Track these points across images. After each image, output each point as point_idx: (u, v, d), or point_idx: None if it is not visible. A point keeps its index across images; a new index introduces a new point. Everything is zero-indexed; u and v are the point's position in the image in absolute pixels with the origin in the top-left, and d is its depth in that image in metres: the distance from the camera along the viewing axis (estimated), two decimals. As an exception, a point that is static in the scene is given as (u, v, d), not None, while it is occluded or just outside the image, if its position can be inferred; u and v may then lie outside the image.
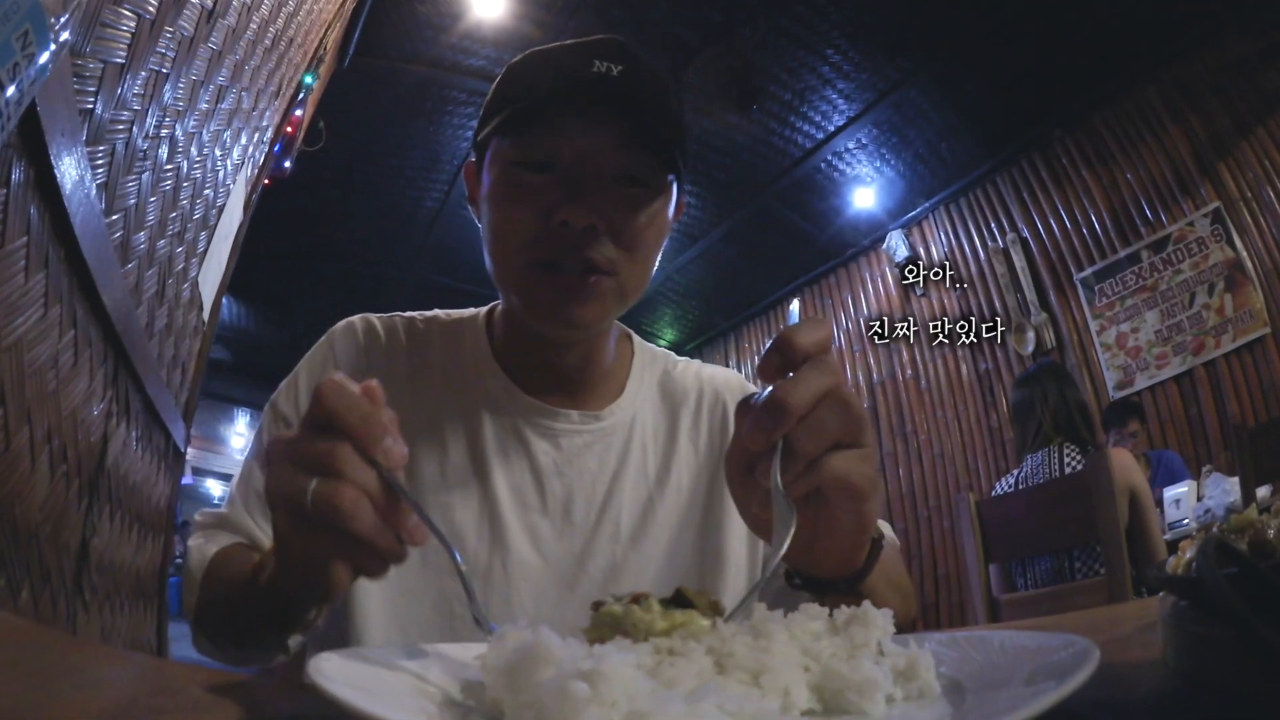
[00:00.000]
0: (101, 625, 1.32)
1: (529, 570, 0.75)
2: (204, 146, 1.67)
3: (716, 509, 0.83)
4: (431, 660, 0.42)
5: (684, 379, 0.90)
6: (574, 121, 0.70)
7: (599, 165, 0.71)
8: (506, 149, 0.73)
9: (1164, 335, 3.99)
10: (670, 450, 0.85)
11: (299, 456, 0.43)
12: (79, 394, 1.13)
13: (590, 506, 0.79)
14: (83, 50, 0.97)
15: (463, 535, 0.74)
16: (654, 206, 0.74)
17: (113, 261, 1.18)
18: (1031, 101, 4.38)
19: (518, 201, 0.71)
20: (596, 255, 0.70)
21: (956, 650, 0.42)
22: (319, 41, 2.70)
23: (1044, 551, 2.27)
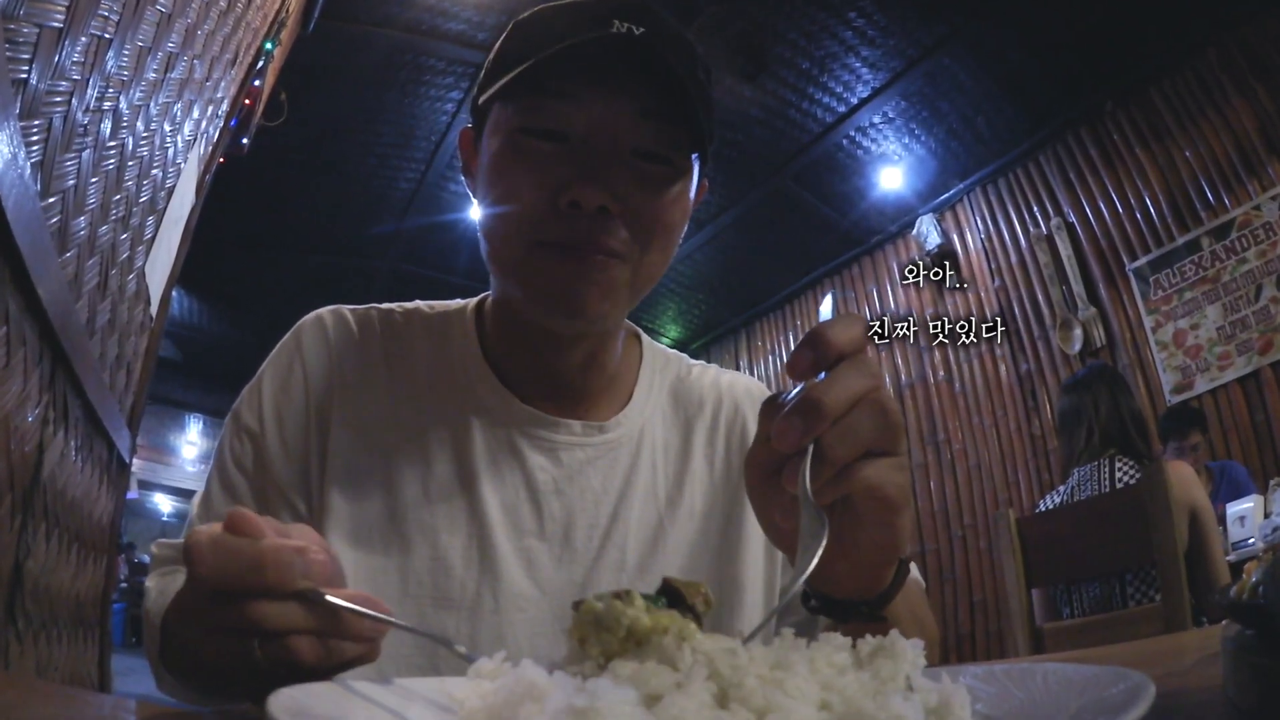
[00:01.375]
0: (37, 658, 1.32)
1: (523, 602, 0.74)
2: (151, 121, 1.67)
3: (733, 534, 0.82)
4: (404, 698, 0.42)
5: (699, 386, 0.90)
6: (589, 87, 0.69)
7: (615, 138, 0.69)
8: (511, 115, 0.71)
9: (1227, 332, 3.99)
10: (683, 467, 0.84)
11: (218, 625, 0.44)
12: (11, 398, 1.13)
13: (593, 531, 0.78)
14: (15, 13, 0.97)
15: (448, 561, 0.73)
16: (675, 188, 0.73)
17: (49, 250, 1.18)
18: (1079, 71, 4.38)
19: (522, 175, 0.70)
20: (608, 240, 0.69)
21: (995, 685, 0.42)
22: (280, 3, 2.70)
23: (1093, 575, 2.27)
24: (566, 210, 0.68)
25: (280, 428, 0.76)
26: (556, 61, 0.67)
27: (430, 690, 0.44)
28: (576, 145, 0.69)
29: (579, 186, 0.67)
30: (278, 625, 0.43)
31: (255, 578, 0.42)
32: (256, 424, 0.76)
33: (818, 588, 0.57)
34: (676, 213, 0.74)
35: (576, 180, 0.67)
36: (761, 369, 6.53)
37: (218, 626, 0.44)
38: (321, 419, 0.77)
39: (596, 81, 0.69)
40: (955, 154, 5.04)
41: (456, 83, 4.44)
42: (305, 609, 0.43)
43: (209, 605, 0.44)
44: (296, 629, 0.43)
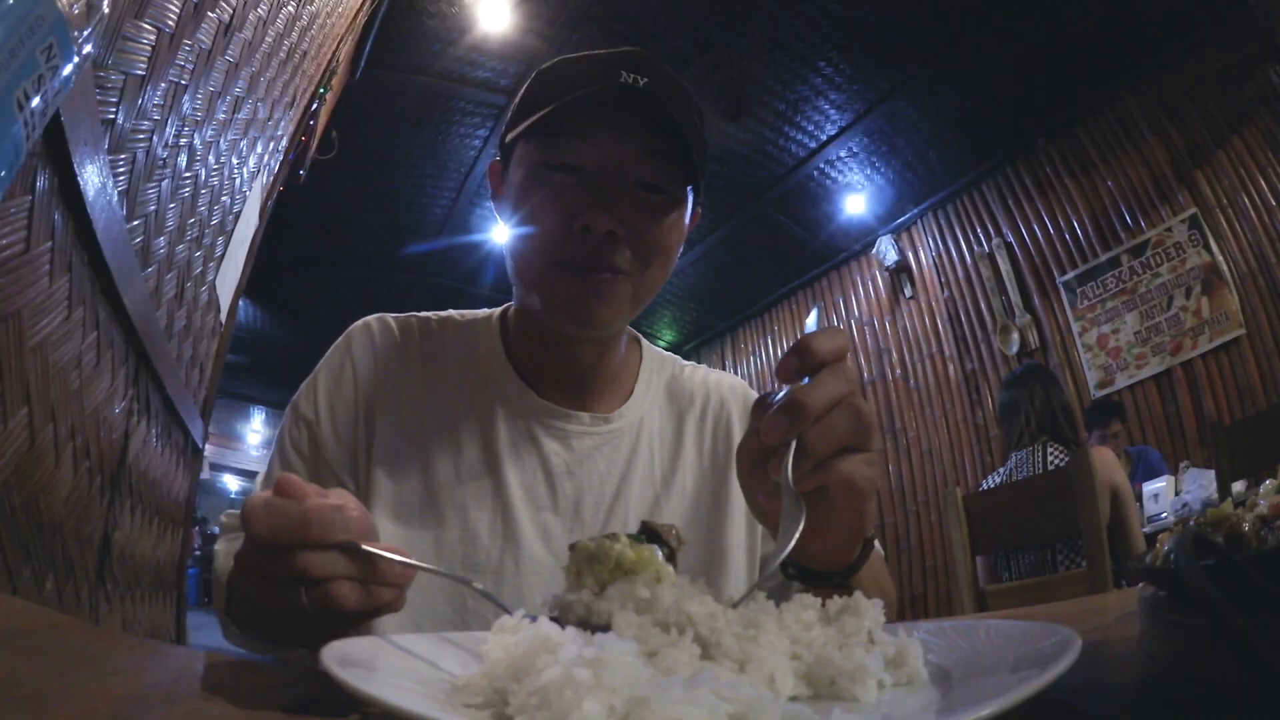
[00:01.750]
0: (123, 615, 1.32)
1: (540, 567, 0.74)
2: (221, 155, 1.67)
3: (719, 510, 0.83)
4: (439, 649, 0.42)
5: (690, 383, 0.90)
6: (601, 129, 0.70)
7: (622, 172, 0.71)
8: (534, 151, 0.73)
9: (1143, 336, 3.99)
10: (676, 453, 0.85)
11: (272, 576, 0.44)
12: (101, 393, 1.13)
13: (599, 506, 0.78)
14: (105, 62, 0.97)
15: (476, 532, 0.74)
16: (672, 215, 0.74)
17: (133, 266, 1.18)
18: (1016, 112, 4.38)
19: (542, 202, 0.71)
20: (615, 259, 0.70)
21: (944, 639, 0.42)
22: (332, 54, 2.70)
23: (1028, 544, 2.27)
24: (579, 233, 0.69)
25: (333, 417, 0.77)
26: (573, 107, 0.68)
27: (460, 641, 0.44)
28: (589, 178, 0.71)
29: (590, 213, 0.69)
30: (321, 572, 0.43)
31: (300, 532, 0.43)
32: (312, 413, 0.77)
33: (795, 559, 0.58)
34: (674, 236, 0.75)
35: (588, 208, 0.69)
36: (745, 368, 6.54)
37: (271, 578, 0.44)
38: (368, 410, 0.77)
39: (606, 125, 0.70)
40: (910, 183, 5.05)
41: (483, 122, 4.44)
42: (345, 557, 0.43)
43: (263, 559, 0.44)
44: (337, 575, 0.43)
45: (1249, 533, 0.37)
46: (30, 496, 0.90)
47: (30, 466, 0.90)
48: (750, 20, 3.78)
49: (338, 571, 0.43)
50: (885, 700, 0.36)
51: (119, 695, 0.36)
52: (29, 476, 0.90)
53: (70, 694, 0.33)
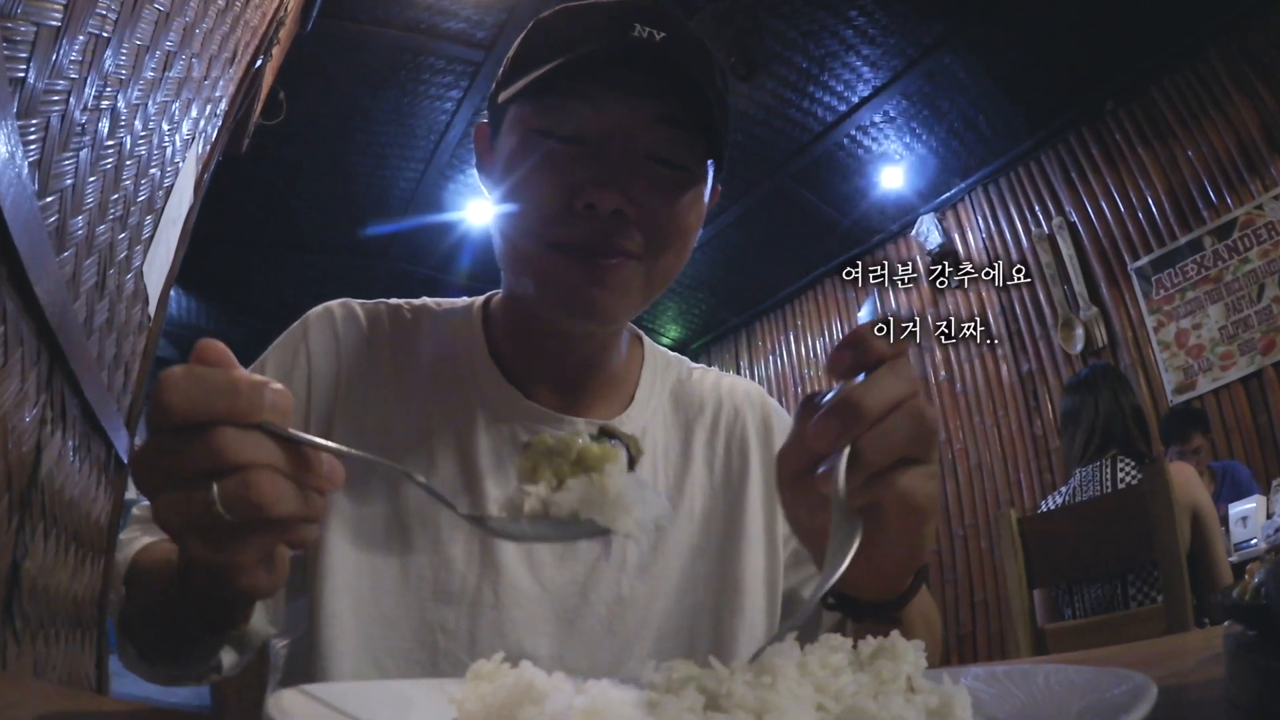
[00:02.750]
0: (35, 658, 1.32)
1: (524, 599, 0.74)
2: (150, 120, 1.66)
3: (733, 537, 0.82)
4: (402, 700, 0.42)
5: (700, 389, 0.90)
6: (608, 91, 0.69)
7: (632, 142, 0.70)
8: (529, 115, 0.72)
9: (1229, 332, 3.99)
10: (683, 470, 0.84)
11: (179, 469, 0.41)
12: (9, 398, 1.13)
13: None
14: (13, 12, 0.97)
15: (450, 557, 0.73)
16: (690, 193, 0.73)
17: (47, 249, 1.18)
18: (1080, 69, 4.37)
19: (539, 175, 0.70)
20: (623, 242, 0.70)
21: (996, 686, 0.42)
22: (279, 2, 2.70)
23: (1095, 575, 2.27)
24: (582, 211, 0.68)
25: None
26: (576, 65, 0.67)
27: (428, 691, 0.44)
28: (593, 148, 0.70)
29: (595, 189, 0.68)
30: (243, 455, 0.40)
31: (226, 402, 0.41)
32: None
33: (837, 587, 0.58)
34: (691, 218, 0.74)
35: (592, 183, 0.68)
36: (762, 369, 6.53)
37: (176, 474, 0.41)
38: (325, 412, 0.77)
39: (615, 86, 0.69)
40: (956, 153, 5.04)
41: (456, 81, 4.43)
42: (268, 441, 0.42)
43: (168, 449, 0.41)
44: (260, 461, 0.41)
45: (1353, 562, 0.37)
46: (-74, 520, 0.90)
47: (-74, 484, 0.90)
48: (769, -38, 3.78)
49: (260, 456, 0.41)
50: (927, 759, 0.36)
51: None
52: (-76, 496, 0.90)
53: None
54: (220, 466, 0.40)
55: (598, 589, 0.76)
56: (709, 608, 0.79)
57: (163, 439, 0.41)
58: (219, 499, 0.40)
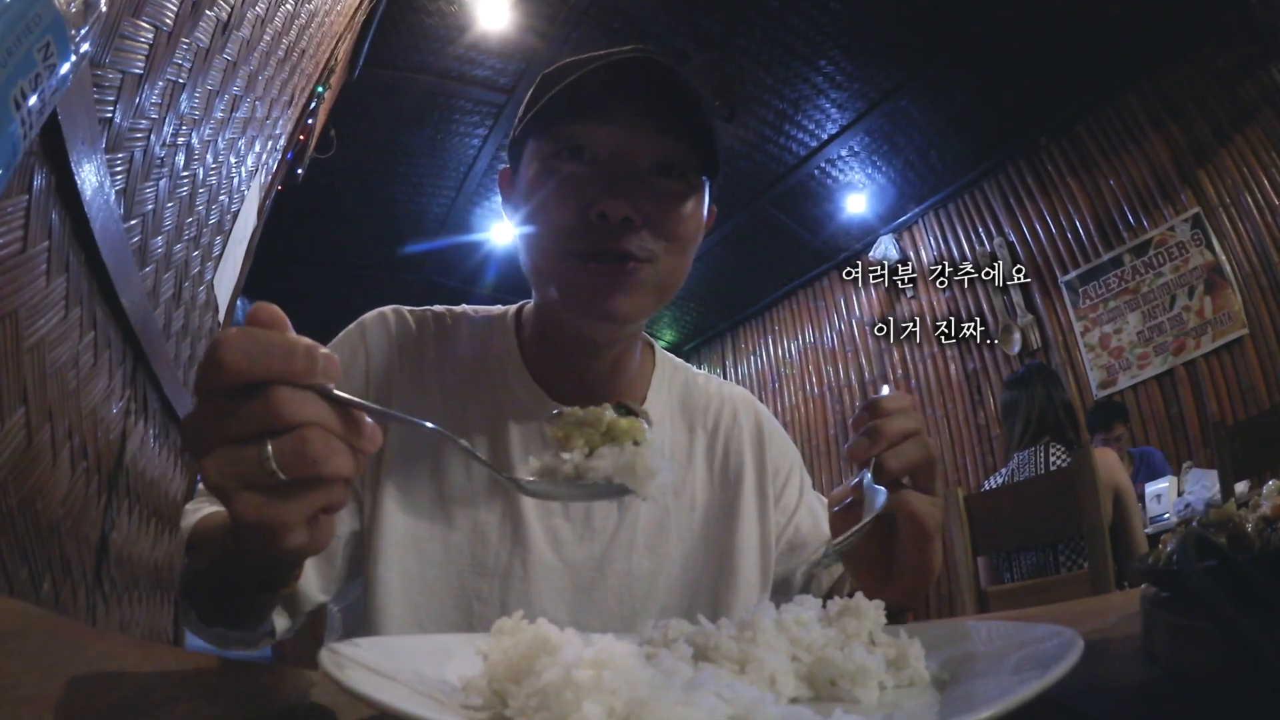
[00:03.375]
0: (120, 617, 1.32)
1: (548, 572, 0.74)
2: (219, 154, 1.67)
3: (729, 528, 0.82)
4: (437, 650, 0.42)
5: (704, 396, 0.90)
6: (610, 114, 0.69)
7: (635, 156, 0.70)
8: (543, 145, 0.72)
9: (1146, 336, 3.99)
10: (686, 465, 0.84)
11: (233, 429, 0.37)
12: (98, 393, 1.13)
13: (609, 514, 0.78)
14: (102, 61, 0.97)
15: (485, 534, 0.73)
16: (689, 202, 0.73)
17: (131, 265, 1.18)
18: (1018, 110, 4.38)
19: (555, 193, 0.70)
20: (634, 247, 0.69)
21: (945, 640, 0.42)
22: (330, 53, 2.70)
23: (1030, 545, 2.27)
24: (596, 222, 0.68)
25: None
26: (578, 87, 0.67)
27: (459, 643, 0.44)
28: (601, 166, 0.70)
29: (606, 200, 0.67)
30: (299, 414, 0.37)
31: (283, 363, 0.37)
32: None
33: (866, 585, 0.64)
34: (691, 224, 0.73)
35: (604, 195, 0.68)
36: (745, 368, 6.53)
37: (233, 430, 0.37)
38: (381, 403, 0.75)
39: (616, 108, 0.69)
40: (911, 182, 5.04)
41: (482, 120, 4.43)
42: (321, 401, 0.38)
43: (225, 405, 0.37)
44: (314, 420, 0.38)
45: (1252, 533, 0.37)
46: (27, 497, 0.90)
47: (27, 467, 0.90)
48: (750, 19, 3.77)
49: (314, 415, 0.38)
50: (886, 702, 0.36)
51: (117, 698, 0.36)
52: (26, 477, 0.90)
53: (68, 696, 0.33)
54: (276, 425, 0.37)
55: (612, 564, 0.76)
56: (707, 584, 0.79)
57: (215, 402, 0.37)
58: (273, 456, 0.37)
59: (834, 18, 3.78)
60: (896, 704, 0.35)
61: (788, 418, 5.83)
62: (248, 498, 0.38)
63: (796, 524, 0.88)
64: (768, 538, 0.84)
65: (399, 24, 3.69)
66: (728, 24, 3.82)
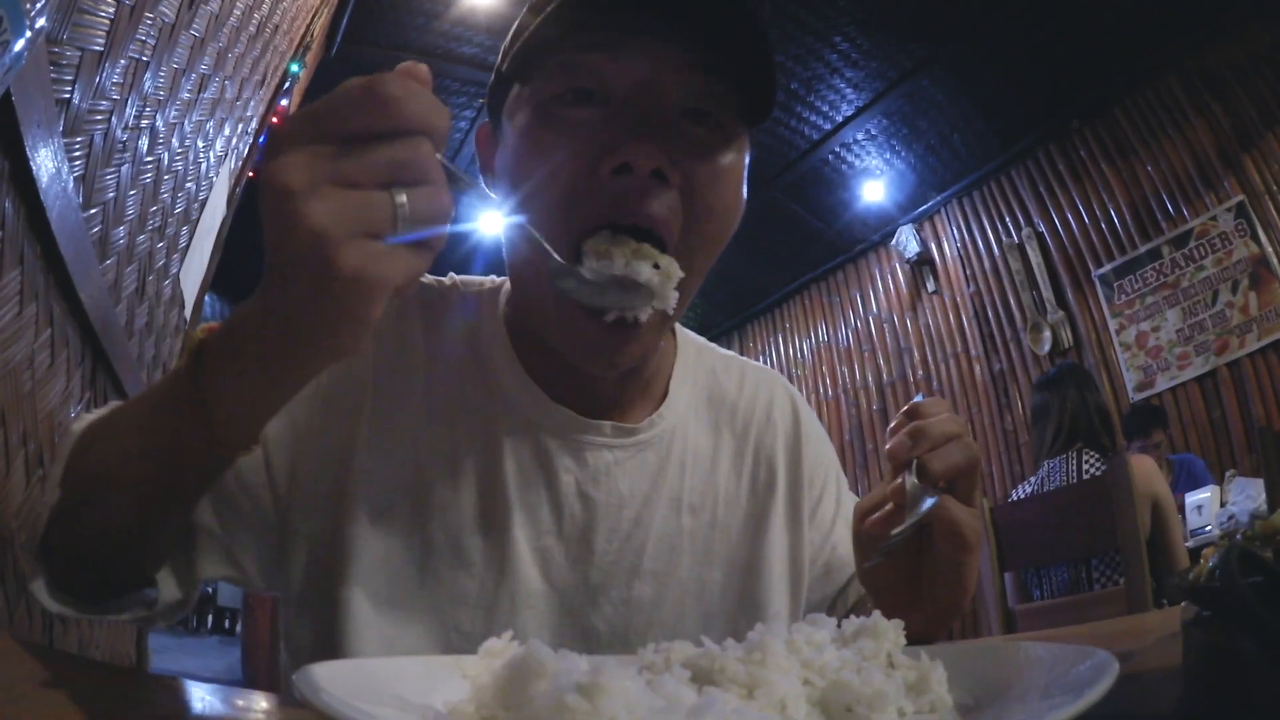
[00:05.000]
0: (79, 637, 1.31)
1: (535, 600, 0.67)
2: (186, 137, 1.67)
3: (756, 549, 0.75)
4: (420, 672, 0.42)
5: (733, 388, 0.81)
6: (627, 38, 0.56)
7: (663, 94, 0.57)
8: (539, 85, 0.59)
9: (1186, 334, 3.99)
10: (710, 475, 0.76)
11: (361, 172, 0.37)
12: (56, 395, 1.13)
13: (613, 536, 0.70)
14: (59, 37, 0.97)
15: (468, 558, 0.66)
16: (731, 157, 0.61)
17: (91, 257, 1.18)
18: (1048, 91, 4.37)
19: (556, 146, 0.57)
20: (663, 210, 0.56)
21: (970, 662, 0.42)
22: (305, 29, 2.70)
23: (1061, 560, 2.27)
24: (611, 179, 0.55)
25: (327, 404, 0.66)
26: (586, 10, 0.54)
27: (445, 665, 0.44)
28: (617, 108, 0.57)
29: (630, 146, 0.54)
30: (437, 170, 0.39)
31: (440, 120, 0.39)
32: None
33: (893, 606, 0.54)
34: (733, 192, 0.62)
35: (627, 140, 0.55)
36: (753, 368, 6.53)
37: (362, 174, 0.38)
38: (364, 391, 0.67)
39: (635, 31, 0.55)
40: (933, 168, 5.04)
41: (470, 102, 4.43)
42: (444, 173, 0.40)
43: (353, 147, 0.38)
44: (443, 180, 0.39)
45: (1300, 547, 0.37)
46: (-21, 508, 0.90)
47: (-21, 475, 0.90)
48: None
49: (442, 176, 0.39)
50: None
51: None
52: (-23, 486, 0.90)
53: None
54: (418, 177, 0.38)
55: (609, 593, 0.69)
56: (726, 614, 0.73)
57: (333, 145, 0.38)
58: (405, 205, 0.38)
59: (850, -9, 3.78)
60: (917, 731, 0.35)
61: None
62: (362, 245, 0.37)
63: (834, 543, 0.82)
64: (800, 560, 0.78)
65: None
66: (735, -3, 3.83)
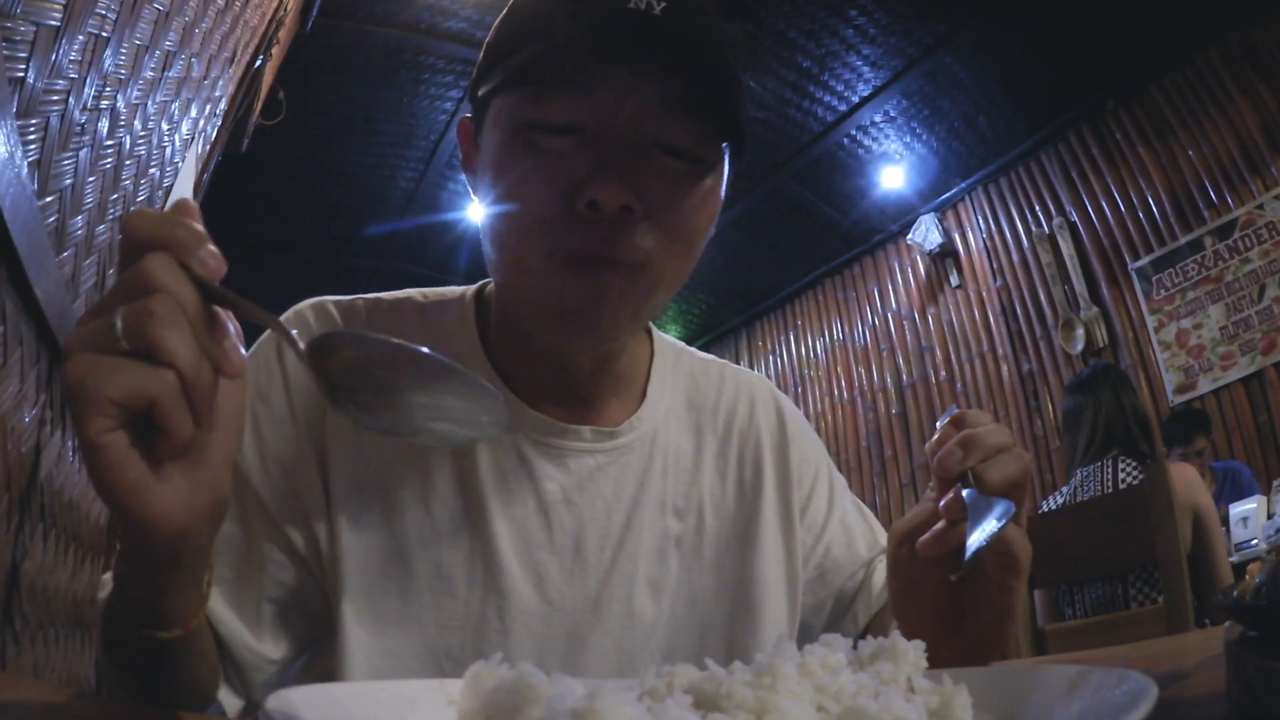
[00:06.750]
0: (34, 659, 1.31)
1: (532, 619, 0.69)
2: (149, 119, 1.66)
3: (747, 555, 0.78)
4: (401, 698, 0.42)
5: (713, 389, 0.86)
6: (604, 75, 0.61)
7: (635, 130, 0.62)
8: (515, 106, 0.64)
9: (1230, 332, 3.99)
10: (694, 478, 0.80)
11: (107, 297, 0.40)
12: (8, 398, 1.13)
13: (605, 542, 0.73)
14: (12, 11, 0.97)
15: (450, 578, 0.68)
16: (704, 184, 0.66)
17: (46, 249, 1.18)
18: (1080, 70, 4.37)
19: (531, 174, 0.63)
20: (629, 249, 0.63)
21: (996, 686, 0.42)
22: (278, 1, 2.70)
23: (1095, 576, 2.27)
24: (585, 213, 0.61)
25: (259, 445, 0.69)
26: (565, 47, 0.61)
27: (428, 690, 0.44)
28: (593, 137, 0.62)
29: (599, 183, 0.60)
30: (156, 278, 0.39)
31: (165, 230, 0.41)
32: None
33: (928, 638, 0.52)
34: (704, 216, 0.68)
35: (596, 177, 0.61)
36: (763, 368, 6.53)
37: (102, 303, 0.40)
38: (316, 431, 0.70)
39: (612, 68, 0.61)
40: (956, 153, 5.04)
41: (456, 81, 4.43)
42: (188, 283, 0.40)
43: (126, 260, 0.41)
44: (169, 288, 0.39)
45: (1354, 562, 0.37)
46: (-75, 520, 0.90)
47: (-75, 485, 0.90)
48: (769, -38, 3.78)
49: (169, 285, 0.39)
50: (927, 759, 0.36)
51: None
52: (-77, 496, 0.90)
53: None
54: (136, 287, 0.39)
55: (610, 604, 0.72)
56: (720, 622, 0.76)
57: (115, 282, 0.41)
58: (121, 315, 0.38)
59: (866, -39, 3.78)
60: (939, 761, 0.35)
61: (812, 426, 5.83)
62: (82, 356, 0.38)
63: (827, 544, 0.85)
64: (794, 564, 0.81)
65: (359, -32, 3.69)
66: (742, -32, 3.82)
